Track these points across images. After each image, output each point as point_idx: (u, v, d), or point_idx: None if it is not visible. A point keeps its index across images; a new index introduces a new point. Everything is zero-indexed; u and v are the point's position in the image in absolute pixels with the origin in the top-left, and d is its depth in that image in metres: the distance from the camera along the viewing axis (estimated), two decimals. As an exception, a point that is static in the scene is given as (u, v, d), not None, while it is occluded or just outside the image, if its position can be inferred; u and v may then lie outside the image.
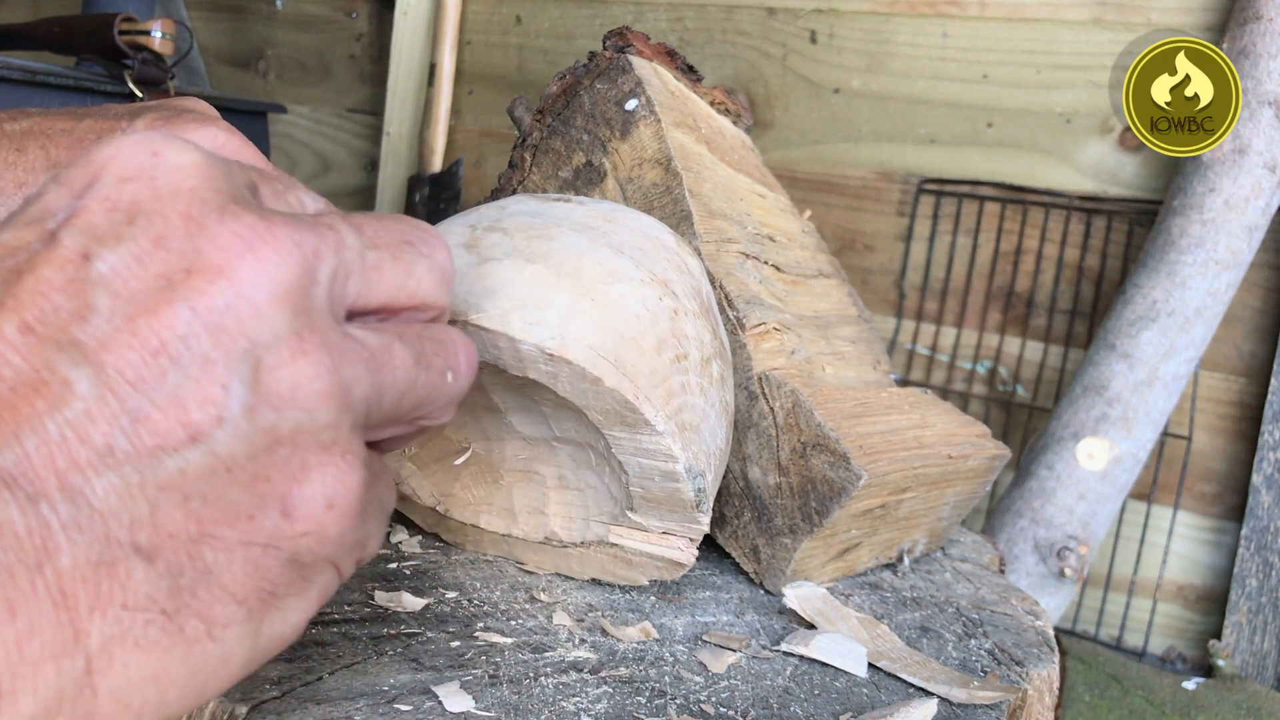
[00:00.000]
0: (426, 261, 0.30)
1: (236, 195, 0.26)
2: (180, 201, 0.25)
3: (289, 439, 0.25)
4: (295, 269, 0.25)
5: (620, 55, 0.53)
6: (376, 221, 0.29)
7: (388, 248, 0.29)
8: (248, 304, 0.24)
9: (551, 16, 1.28)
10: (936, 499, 0.52)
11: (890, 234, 1.10)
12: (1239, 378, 0.96)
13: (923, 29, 1.07)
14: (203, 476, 0.24)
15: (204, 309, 0.24)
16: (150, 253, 0.24)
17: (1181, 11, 0.96)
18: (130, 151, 0.25)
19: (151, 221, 0.24)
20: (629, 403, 0.39)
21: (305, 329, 0.25)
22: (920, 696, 0.40)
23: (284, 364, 0.25)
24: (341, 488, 0.26)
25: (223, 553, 0.24)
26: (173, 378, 0.23)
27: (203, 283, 0.24)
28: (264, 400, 0.24)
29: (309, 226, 0.26)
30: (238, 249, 0.24)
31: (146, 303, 0.23)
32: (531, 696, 0.36)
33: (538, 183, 0.53)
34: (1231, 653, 0.91)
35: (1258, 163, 0.85)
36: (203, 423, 0.23)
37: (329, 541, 0.26)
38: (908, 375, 1.09)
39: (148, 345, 0.23)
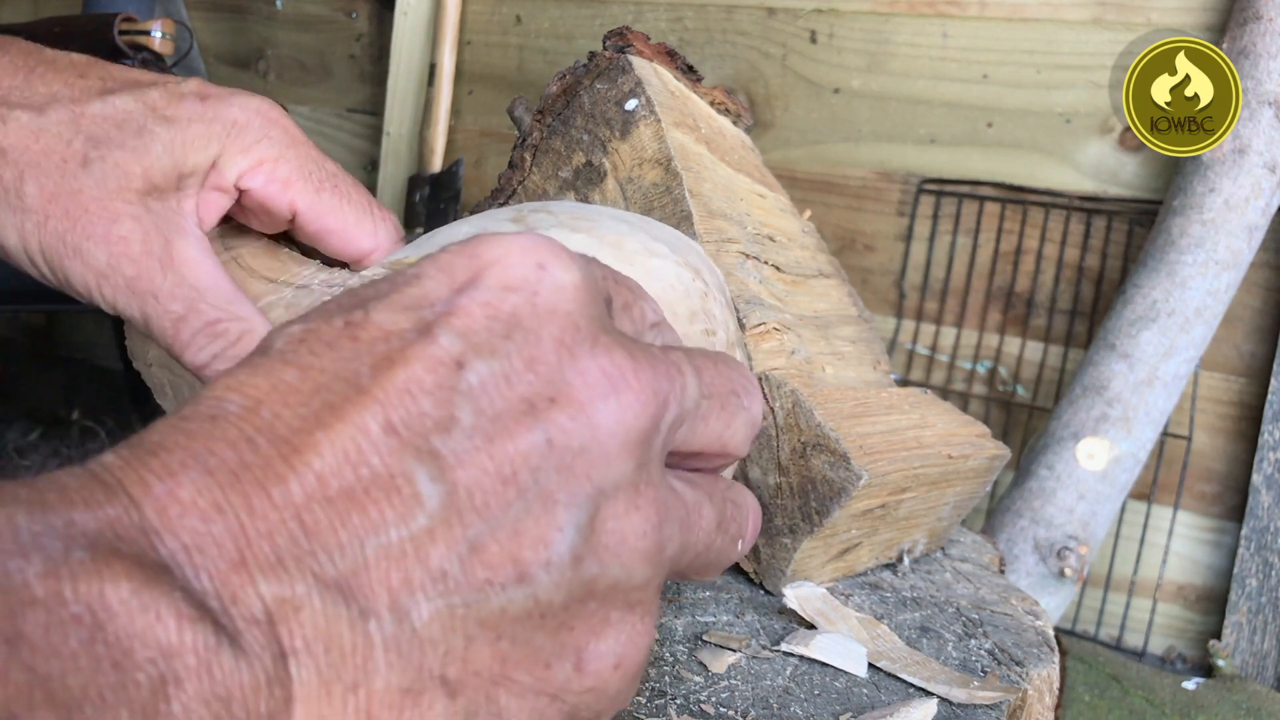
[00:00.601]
0: (745, 415, 0.30)
1: (607, 325, 0.25)
2: (556, 325, 0.24)
3: (602, 593, 0.24)
4: (650, 419, 0.25)
5: (620, 55, 0.53)
6: (713, 366, 0.29)
7: (718, 397, 0.28)
8: (601, 448, 0.24)
9: (551, 16, 1.28)
10: (936, 499, 0.52)
11: (890, 234, 1.10)
12: (1239, 378, 0.96)
13: (923, 29, 1.07)
14: (519, 618, 0.23)
15: (560, 444, 0.23)
16: (520, 373, 0.23)
17: (1181, 11, 0.96)
18: (518, 259, 0.25)
19: (527, 340, 0.24)
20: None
21: (643, 481, 0.25)
22: (920, 696, 0.40)
23: (618, 516, 0.24)
24: (633, 648, 0.25)
25: (515, 697, 0.23)
26: (515, 510, 0.23)
27: (564, 417, 0.23)
28: (592, 550, 0.24)
29: (664, 371, 0.25)
30: (603, 389, 0.24)
31: (507, 426, 0.23)
32: (531, 696, 0.36)
33: (538, 182, 0.53)
34: (1231, 653, 0.91)
35: (1258, 163, 0.85)
36: (532, 563, 0.23)
37: (606, 699, 0.25)
38: (908, 375, 1.09)
39: (501, 472, 0.23)
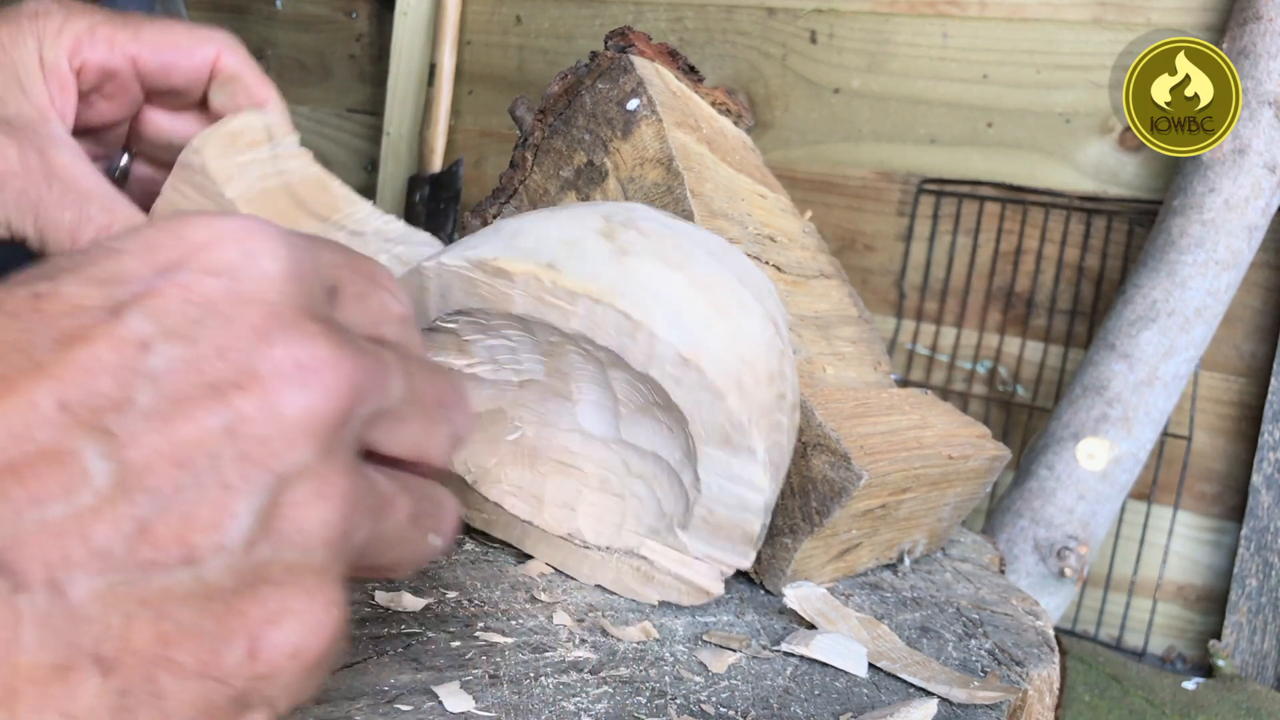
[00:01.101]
0: (448, 429, 0.30)
1: (316, 314, 0.25)
2: (255, 312, 0.24)
3: (277, 577, 0.24)
4: (340, 409, 0.24)
5: (622, 55, 0.53)
6: (425, 375, 0.29)
7: (422, 405, 0.28)
8: (283, 435, 0.23)
9: (551, 16, 1.28)
10: (937, 499, 0.52)
11: (890, 234, 1.10)
12: (1239, 378, 0.96)
13: (923, 29, 1.07)
14: (183, 600, 0.23)
15: (241, 431, 0.23)
16: (209, 359, 0.23)
17: (1181, 11, 0.96)
18: (226, 244, 0.24)
19: (221, 326, 0.23)
20: (742, 425, 0.39)
21: (330, 470, 0.24)
22: (920, 697, 0.40)
23: (299, 503, 0.24)
24: (312, 639, 0.25)
25: (177, 679, 0.23)
26: (188, 494, 0.22)
27: (247, 404, 0.23)
28: (267, 535, 0.23)
29: (366, 365, 0.25)
30: (294, 378, 0.24)
31: (187, 409, 0.23)
32: (532, 696, 0.36)
33: (539, 182, 0.53)
34: (1231, 653, 0.91)
35: (1258, 163, 0.85)
36: (202, 547, 0.23)
37: (280, 687, 0.25)
38: (908, 375, 1.09)
39: (175, 455, 0.22)
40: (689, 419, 0.40)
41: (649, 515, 0.45)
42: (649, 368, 0.39)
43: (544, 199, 0.53)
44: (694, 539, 0.43)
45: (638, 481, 0.45)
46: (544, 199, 0.53)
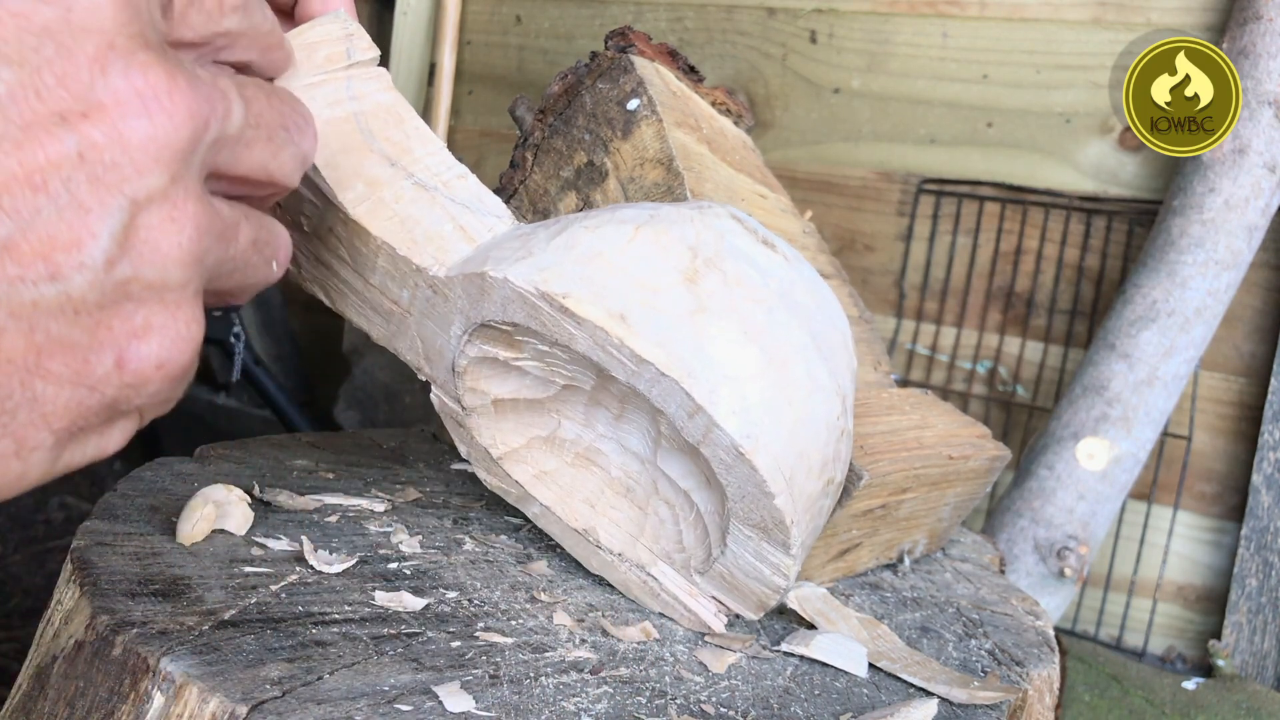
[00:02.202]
0: (293, 149, 0.32)
1: (150, 41, 0.26)
2: (91, 42, 0.25)
3: (139, 294, 0.26)
4: (184, 136, 0.26)
5: (622, 55, 0.53)
6: (265, 99, 0.31)
7: (265, 128, 0.30)
8: (132, 161, 0.25)
9: (551, 16, 1.28)
10: (937, 499, 0.52)
11: (890, 234, 1.10)
12: (1239, 378, 0.96)
13: (923, 29, 1.07)
14: (52, 313, 0.25)
15: (91, 157, 0.25)
16: (51, 87, 0.24)
17: (1181, 11, 0.96)
18: None
19: (59, 54, 0.25)
20: (784, 524, 0.38)
21: (179, 194, 0.26)
22: (920, 697, 0.40)
23: (153, 225, 0.26)
24: (175, 351, 0.27)
25: (52, 385, 0.26)
26: (46, 214, 0.24)
27: (95, 132, 0.25)
28: (126, 254, 0.26)
29: (205, 94, 0.27)
30: (135, 106, 0.25)
31: (37, 135, 0.24)
32: (532, 696, 0.36)
33: (539, 182, 0.53)
34: (1231, 653, 0.91)
35: (1258, 163, 0.85)
36: (65, 264, 0.25)
37: (147, 395, 0.28)
38: (908, 375, 1.09)
39: (30, 179, 0.24)
40: (730, 499, 0.39)
41: (667, 540, 0.44)
42: (701, 446, 0.38)
43: (544, 199, 0.53)
44: (707, 585, 0.43)
45: (663, 505, 0.45)
46: (544, 199, 0.53)
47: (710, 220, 0.40)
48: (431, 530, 0.50)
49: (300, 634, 0.37)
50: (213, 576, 0.40)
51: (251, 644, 0.36)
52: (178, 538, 0.43)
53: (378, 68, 0.44)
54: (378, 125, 0.43)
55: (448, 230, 0.42)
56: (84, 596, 0.37)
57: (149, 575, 0.39)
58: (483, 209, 0.43)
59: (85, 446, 0.28)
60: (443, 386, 0.45)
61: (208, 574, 0.40)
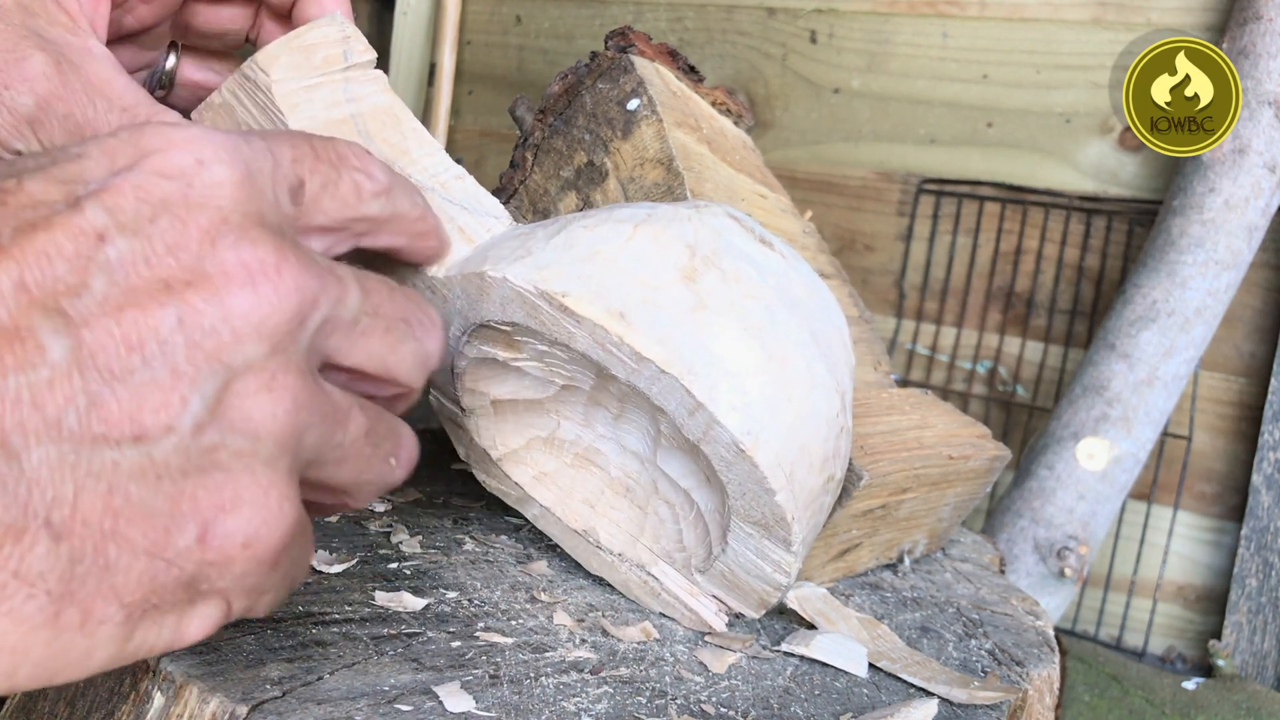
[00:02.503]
0: (414, 345, 0.31)
1: (266, 221, 0.26)
2: (205, 217, 0.25)
3: (227, 464, 0.25)
4: (289, 311, 0.26)
5: (622, 55, 0.53)
6: (386, 291, 0.30)
7: (384, 318, 0.29)
8: (232, 331, 0.25)
9: (551, 16, 1.28)
10: (937, 500, 0.52)
11: (890, 234, 1.10)
12: (1239, 378, 0.96)
13: (923, 29, 1.07)
14: (133, 476, 0.24)
15: (191, 322, 0.24)
16: (161, 256, 0.25)
17: (1181, 11, 0.96)
18: (179, 149, 0.26)
19: (173, 226, 0.25)
20: (786, 521, 0.38)
21: (279, 368, 0.26)
22: (920, 697, 0.40)
23: (249, 394, 0.25)
24: (265, 530, 0.26)
25: (127, 554, 0.24)
26: (140, 376, 0.24)
27: (197, 299, 0.25)
28: (215, 421, 0.25)
29: (317, 273, 0.27)
30: (240, 278, 0.25)
31: (140, 299, 0.24)
32: (532, 696, 0.36)
33: (539, 182, 0.53)
34: (1231, 653, 0.91)
35: (1258, 163, 0.85)
36: (152, 427, 0.24)
37: (231, 577, 0.26)
38: (908, 375, 1.09)
39: (128, 338, 0.24)
40: (731, 496, 0.39)
41: (667, 539, 0.44)
42: (702, 443, 0.38)
43: (544, 199, 0.53)
44: (708, 584, 0.43)
45: (663, 505, 0.45)
46: (544, 199, 0.53)
47: (708, 219, 0.40)
48: (431, 530, 0.50)
49: (300, 634, 0.37)
50: (213, 576, 0.40)
51: (251, 644, 0.36)
52: (178, 538, 0.43)
53: (375, 70, 0.44)
54: (375, 127, 0.43)
55: (448, 228, 0.42)
56: (84, 596, 0.37)
57: (149, 575, 0.39)
58: (480, 209, 0.43)
59: (160, 628, 0.26)
60: (441, 388, 0.45)
61: (208, 574, 0.40)
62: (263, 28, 0.49)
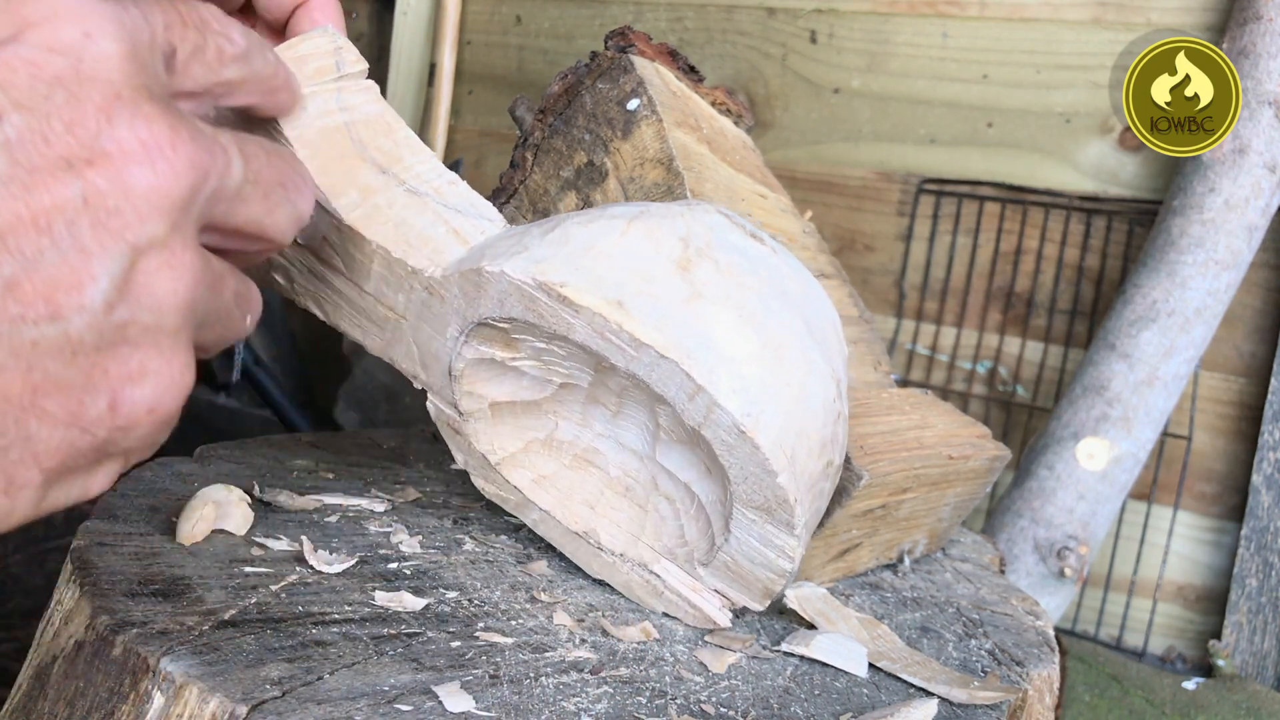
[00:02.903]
0: (289, 207, 0.33)
1: (155, 93, 0.27)
2: (98, 92, 0.26)
3: (135, 339, 0.27)
4: (185, 186, 0.27)
5: (622, 55, 0.53)
6: (264, 155, 0.31)
7: (263, 185, 0.31)
8: (135, 209, 0.26)
9: (551, 16, 1.28)
10: (937, 500, 0.52)
11: (890, 234, 1.10)
12: (1239, 378, 0.96)
13: (923, 29, 1.07)
14: (50, 353, 0.25)
15: (95, 203, 0.25)
16: (60, 134, 0.25)
17: (1181, 11, 0.96)
18: (65, 21, 0.26)
19: (68, 103, 0.25)
20: (788, 503, 0.38)
21: (178, 243, 0.27)
22: (920, 697, 0.40)
23: (151, 271, 0.27)
24: (168, 397, 0.28)
25: (46, 425, 0.26)
26: (50, 256, 0.25)
27: (100, 178, 0.25)
28: (124, 299, 0.26)
29: (206, 146, 0.28)
30: (139, 155, 0.26)
31: (43, 179, 0.25)
32: (532, 696, 0.36)
33: (539, 182, 0.53)
34: (1231, 653, 0.91)
35: (1258, 163, 0.85)
36: (65, 305, 0.25)
37: (136, 439, 0.28)
38: (908, 375, 1.09)
39: (36, 221, 0.25)
40: (733, 481, 0.39)
41: (669, 536, 0.44)
42: (703, 428, 0.38)
43: (544, 199, 0.53)
44: (712, 577, 0.43)
45: (664, 501, 0.45)
46: (544, 199, 0.53)
47: (700, 215, 0.41)
48: (431, 530, 0.50)
49: (300, 634, 0.37)
50: (213, 576, 0.40)
51: (251, 644, 0.36)
52: (178, 538, 0.43)
53: (367, 80, 0.44)
54: (368, 135, 0.43)
55: (441, 233, 0.42)
56: (84, 596, 0.37)
57: (149, 575, 0.39)
58: (475, 212, 0.43)
59: (70, 488, 0.28)
60: (439, 393, 0.45)
61: (208, 574, 0.40)
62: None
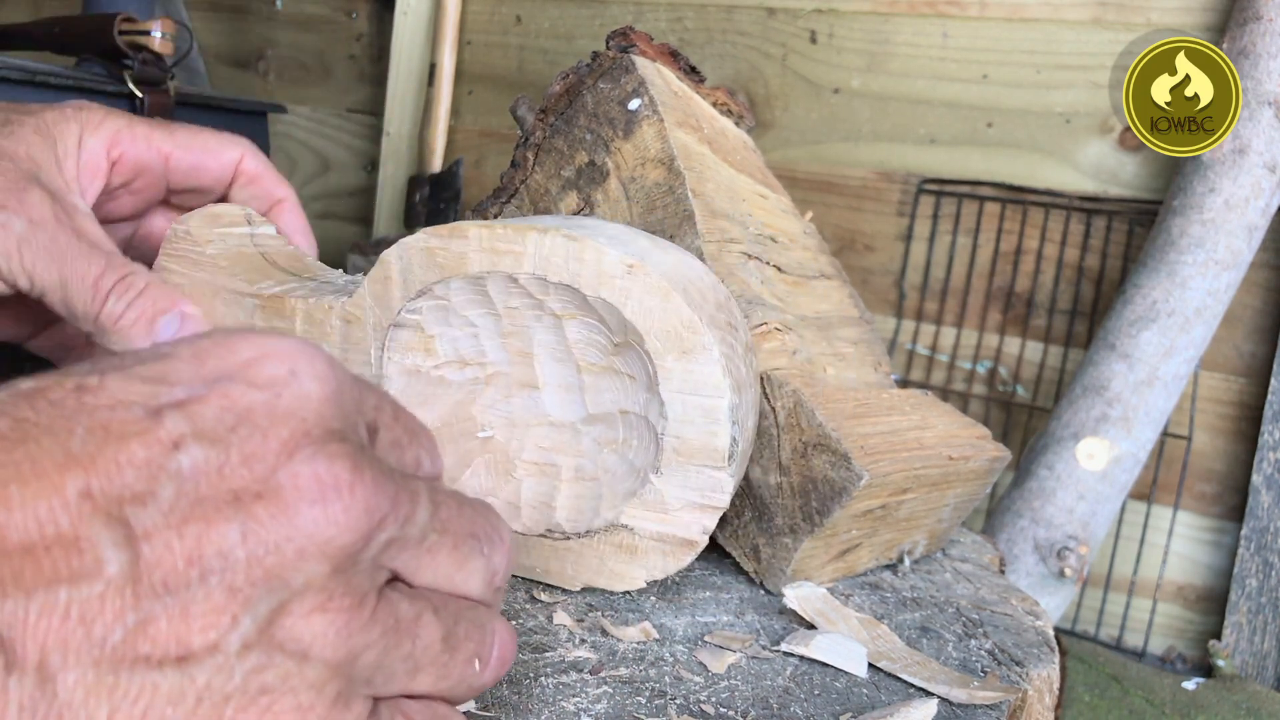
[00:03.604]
0: (483, 561, 0.29)
1: (346, 437, 0.26)
2: (287, 428, 0.24)
3: (271, 686, 0.24)
4: (357, 532, 0.25)
5: (623, 55, 0.53)
6: (455, 505, 0.29)
7: (452, 534, 0.28)
8: (296, 548, 0.24)
9: (551, 16, 1.28)
10: (937, 500, 0.52)
11: (890, 234, 1.10)
12: (1239, 378, 0.96)
13: (923, 29, 1.07)
14: (171, 699, 0.23)
15: (254, 539, 0.23)
16: (235, 466, 0.24)
17: (1181, 11, 0.96)
18: (274, 359, 0.25)
19: (252, 436, 0.24)
20: (694, 322, 0.41)
21: (338, 589, 0.25)
22: (920, 697, 0.40)
23: (302, 614, 0.24)
24: None
25: None
26: (194, 591, 0.23)
27: (264, 513, 0.24)
28: (263, 642, 0.24)
29: (390, 492, 0.26)
30: (312, 493, 0.24)
31: (206, 512, 0.23)
32: (531, 696, 0.36)
33: (540, 182, 0.53)
34: (1231, 653, 0.91)
35: (1258, 163, 0.85)
36: (199, 647, 0.23)
37: None
38: (908, 375, 1.09)
39: (187, 553, 0.23)
40: (644, 334, 0.41)
41: (623, 482, 0.44)
42: (600, 288, 0.41)
43: (545, 198, 0.53)
44: (669, 481, 0.43)
45: (609, 454, 0.45)
46: (545, 198, 0.53)
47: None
48: (432, 530, 0.50)
49: (301, 634, 0.37)
50: (213, 576, 0.40)
51: (252, 644, 0.36)
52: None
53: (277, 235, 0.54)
54: (280, 258, 0.52)
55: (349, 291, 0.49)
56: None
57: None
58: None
59: None
60: None
61: (208, 574, 0.40)
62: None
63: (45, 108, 0.50)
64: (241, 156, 0.54)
